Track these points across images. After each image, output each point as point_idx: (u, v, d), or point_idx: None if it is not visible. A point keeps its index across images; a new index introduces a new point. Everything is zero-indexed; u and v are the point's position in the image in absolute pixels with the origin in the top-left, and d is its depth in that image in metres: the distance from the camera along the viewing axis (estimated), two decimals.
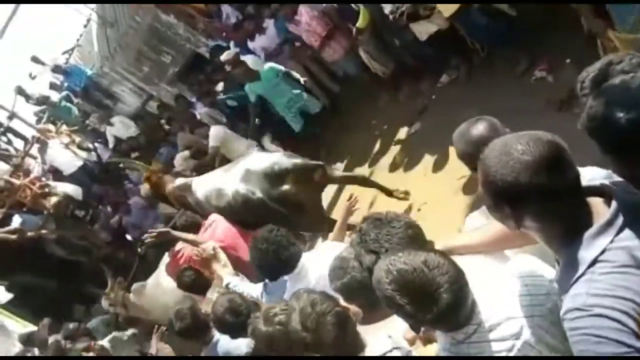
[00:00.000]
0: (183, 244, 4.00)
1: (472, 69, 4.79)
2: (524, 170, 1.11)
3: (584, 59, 2.16)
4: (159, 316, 4.44)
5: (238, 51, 5.74)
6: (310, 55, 5.73)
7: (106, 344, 4.86)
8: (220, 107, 6.61)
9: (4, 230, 7.11)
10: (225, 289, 3.15)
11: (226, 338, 2.91)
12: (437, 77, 5.09)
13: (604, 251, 1.12)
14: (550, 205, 1.14)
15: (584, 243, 1.14)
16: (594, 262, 1.12)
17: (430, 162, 4.51)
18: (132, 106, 8.92)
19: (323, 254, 2.71)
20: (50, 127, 8.88)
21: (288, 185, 3.82)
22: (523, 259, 1.49)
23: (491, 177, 1.16)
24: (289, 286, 2.70)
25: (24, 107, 9.61)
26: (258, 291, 2.94)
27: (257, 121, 5.69)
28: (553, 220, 1.17)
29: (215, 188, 4.15)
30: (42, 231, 7.08)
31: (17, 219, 7.23)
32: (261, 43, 6.24)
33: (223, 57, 5.37)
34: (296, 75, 5.48)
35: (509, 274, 1.46)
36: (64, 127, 9.02)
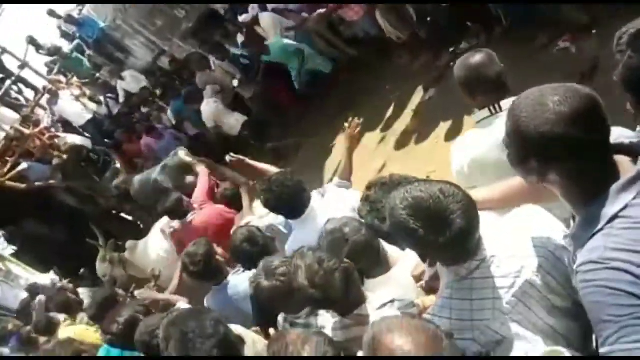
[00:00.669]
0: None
1: (491, 38, 4.69)
2: (560, 122, 1.08)
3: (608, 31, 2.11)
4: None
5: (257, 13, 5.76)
6: (329, 14, 5.61)
7: None
8: (235, 62, 6.51)
9: (12, 176, 7.21)
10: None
11: (236, 279, 2.98)
12: (455, 45, 4.99)
13: (625, 207, 1.10)
14: (580, 160, 1.12)
15: (607, 199, 1.12)
16: (614, 217, 1.10)
17: (443, 129, 4.47)
18: (144, 60, 8.84)
19: (331, 199, 2.84)
20: (61, 78, 8.87)
21: None
22: (528, 207, 1.51)
23: (523, 128, 1.13)
24: (297, 229, 2.82)
25: (35, 57, 9.60)
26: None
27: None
28: (580, 176, 1.15)
29: None
30: (50, 181, 7.16)
31: (24, 165, 7.30)
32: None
33: (242, 19, 5.35)
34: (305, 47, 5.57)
35: (513, 217, 1.50)
36: (75, 79, 9.01)
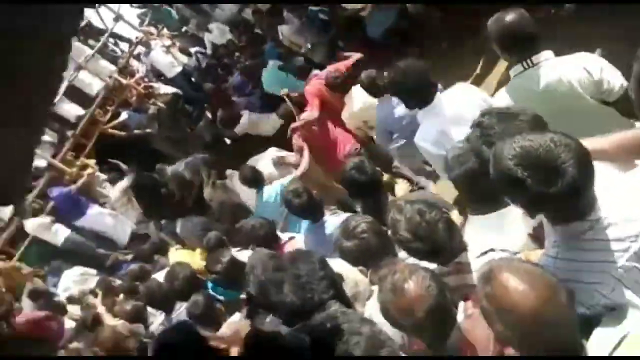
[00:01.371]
0: None
1: None
2: None
3: None
4: None
5: None
6: None
7: None
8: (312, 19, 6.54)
9: (113, 124, 7.81)
10: None
11: (333, 219, 3.09)
12: None
13: None
14: None
15: None
16: None
17: None
18: (228, 12, 8.99)
19: (459, 92, 2.74)
20: (152, 29, 9.27)
21: None
22: None
23: None
24: (422, 120, 2.75)
25: (127, 10, 10.05)
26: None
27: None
28: None
29: None
30: (147, 130, 7.68)
31: (124, 115, 7.86)
32: None
33: None
34: None
35: (631, 178, 1.42)
36: (165, 30, 9.39)
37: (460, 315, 1.60)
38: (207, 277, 3.33)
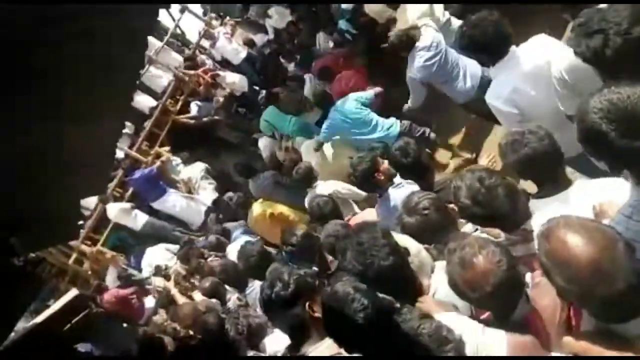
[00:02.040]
0: None
1: None
2: None
3: None
4: None
5: None
6: None
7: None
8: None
9: (185, 116, 8.16)
10: None
11: (395, 192, 3.11)
12: None
13: None
14: None
15: None
16: None
17: None
18: None
19: (538, 44, 2.60)
20: (214, 20, 9.48)
21: None
22: None
23: None
24: (495, 76, 2.68)
25: None
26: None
27: None
28: None
29: None
30: (215, 117, 7.98)
31: (194, 106, 8.17)
32: None
33: None
34: None
35: None
36: (228, 18, 9.58)
37: (527, 285, 1.62)
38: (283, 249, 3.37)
